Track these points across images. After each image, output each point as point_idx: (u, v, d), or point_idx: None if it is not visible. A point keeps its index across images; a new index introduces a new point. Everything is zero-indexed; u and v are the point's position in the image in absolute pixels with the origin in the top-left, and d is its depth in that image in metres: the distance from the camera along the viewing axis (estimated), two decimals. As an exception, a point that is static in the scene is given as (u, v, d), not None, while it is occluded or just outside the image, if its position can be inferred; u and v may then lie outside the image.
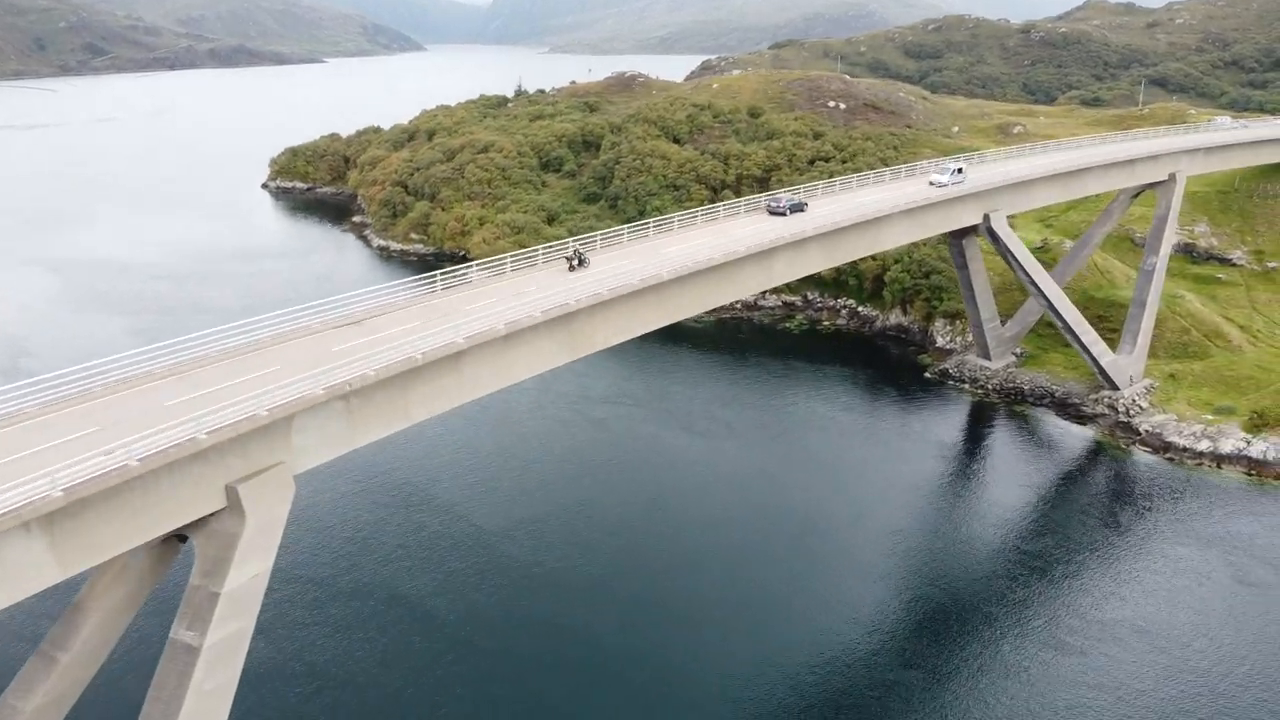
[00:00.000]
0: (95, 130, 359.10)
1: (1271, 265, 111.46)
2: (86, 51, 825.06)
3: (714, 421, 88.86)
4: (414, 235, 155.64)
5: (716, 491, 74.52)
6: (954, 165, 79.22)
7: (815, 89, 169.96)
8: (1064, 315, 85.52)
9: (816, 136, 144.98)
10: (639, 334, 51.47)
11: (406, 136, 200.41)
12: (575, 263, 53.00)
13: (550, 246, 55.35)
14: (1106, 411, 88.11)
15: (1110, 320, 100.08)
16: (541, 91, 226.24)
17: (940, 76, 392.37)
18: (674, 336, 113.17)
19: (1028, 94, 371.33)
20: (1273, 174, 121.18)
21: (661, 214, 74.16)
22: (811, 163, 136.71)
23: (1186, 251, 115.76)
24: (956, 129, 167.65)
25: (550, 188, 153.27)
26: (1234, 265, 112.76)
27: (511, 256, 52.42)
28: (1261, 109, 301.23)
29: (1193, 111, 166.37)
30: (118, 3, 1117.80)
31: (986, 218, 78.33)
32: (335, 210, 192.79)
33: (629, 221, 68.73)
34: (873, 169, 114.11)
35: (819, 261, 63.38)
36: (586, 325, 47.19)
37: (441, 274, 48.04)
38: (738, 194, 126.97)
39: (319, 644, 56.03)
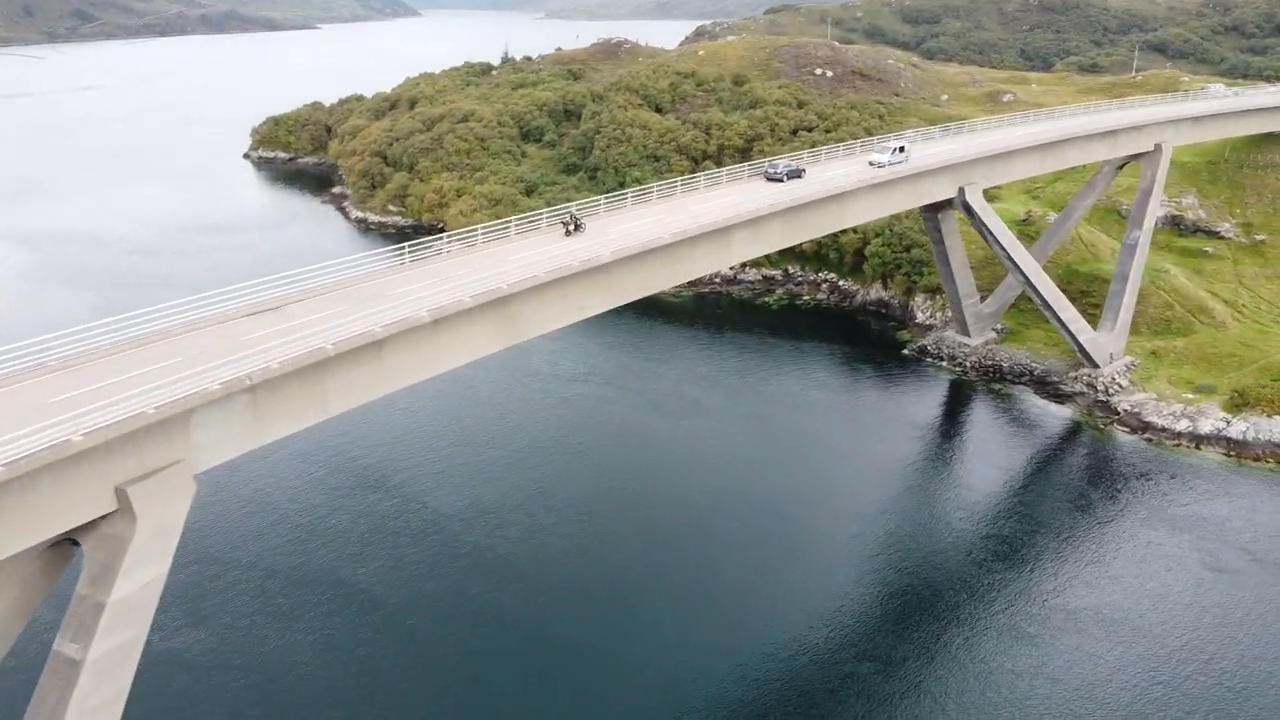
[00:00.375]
0: (79, 98, 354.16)
1: (1260, 238, 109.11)
2: (75, 18, 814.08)
3: (685, 400, 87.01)
4: (392, 207, 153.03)
5: (683, 474, 72.79)
6: (895, 143, 74.15)
7: (802, 56, 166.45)
8: (1042, 292, 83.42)
9: (800, 105, 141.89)
10: (582, 318, 49.44)
11: (388, 105, 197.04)
12: (572, 228, 53.42)
13: (525, 217, 53.97)
14: (1085, 390, 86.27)
15: (1094, 295, 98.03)
16: (527, 59, 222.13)
17: (937, 42, 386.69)
18: (650, 311, 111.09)
19: (1025, 60, 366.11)
20: (1264, 144, 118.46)
21: (641, 184, 71.33)
22: (794, 132, 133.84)
23: (1174, 224, 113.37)
24: (946, 97, 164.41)
25: (530, 158, 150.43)
26: (1222, 238, 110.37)
27: (484, 228, 51.09)
28: (1260, 75, 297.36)
29: (1186, 79, 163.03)
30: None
31: (961, 191, 76.03)
32: (316, 181, 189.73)
33: (608, 193, 66.45)
34: (856, 138, 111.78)
35: (780, 238, 61.19)
36: (523, 310, 45.16)
37: (410, 246, 46.90)
38: (719, 164, 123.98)
39: (263, 634, 54.53)
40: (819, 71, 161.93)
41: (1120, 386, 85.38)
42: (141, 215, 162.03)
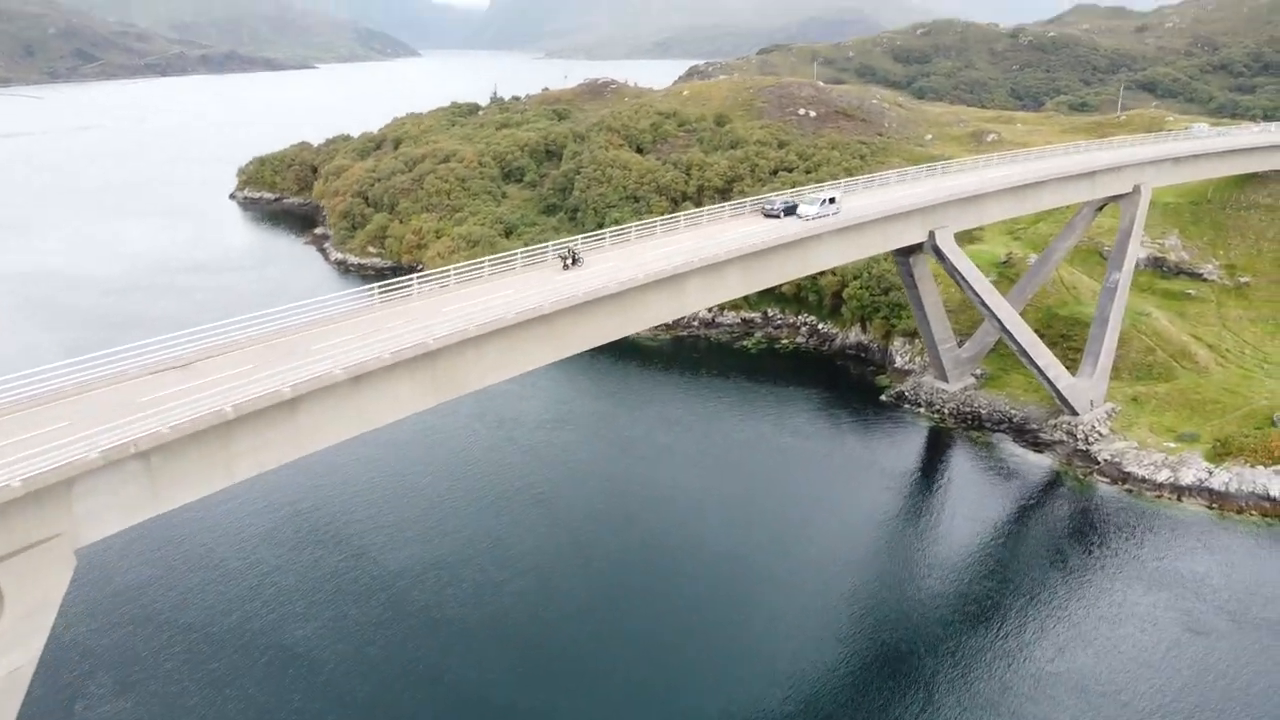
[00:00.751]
0: (74, 138, 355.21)
1: (1244, 280, 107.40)
2: (76, 58, 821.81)
3: (654, 448, 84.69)
4: (371, 248, 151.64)
5: (645, 526, 70.33)
6: (826, 194, 67.88)
7: (786, 96, 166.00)
8: (1018, 337, 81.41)
9: (781, 145, 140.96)
10: (523, 371, 47.36)
11: (374, 145, 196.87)
12: (570, 261, 53.81)
13: (499, 258, 52.84)
14: (1065, 438, 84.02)
15: (1075, 340, 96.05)
16: (516, 98, 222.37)
17: (928, 81, 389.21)
18: (626, 354, 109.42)
19: (1015, 98, 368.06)
20: (1247, 184, 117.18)
21: (621, 225, 69.69)
22: (775, 173, 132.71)
23: (1156, 265, 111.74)
24: (930, 136, 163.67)
25: (511, 198, 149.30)
26: (1205, 280, 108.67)
27: (438, 272, 49.84)
28: (1249, 114, 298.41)
29: (1170, 118, 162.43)
30: (110, 9, 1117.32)
31: (931, 235, 74.28)
32: (301, 221, 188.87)
33: (587, 233, 65.21)
34: (836, 178, 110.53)
35: (738, 286, 59.26)
36: (454, 365, 43.11)
37: (381, 287, 45.59)
38: (698, 205, 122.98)
39: (191, 703, 51.87)
40: (802, 111, 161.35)
41: (1100, 434, 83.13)
42: (121, 254, 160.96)
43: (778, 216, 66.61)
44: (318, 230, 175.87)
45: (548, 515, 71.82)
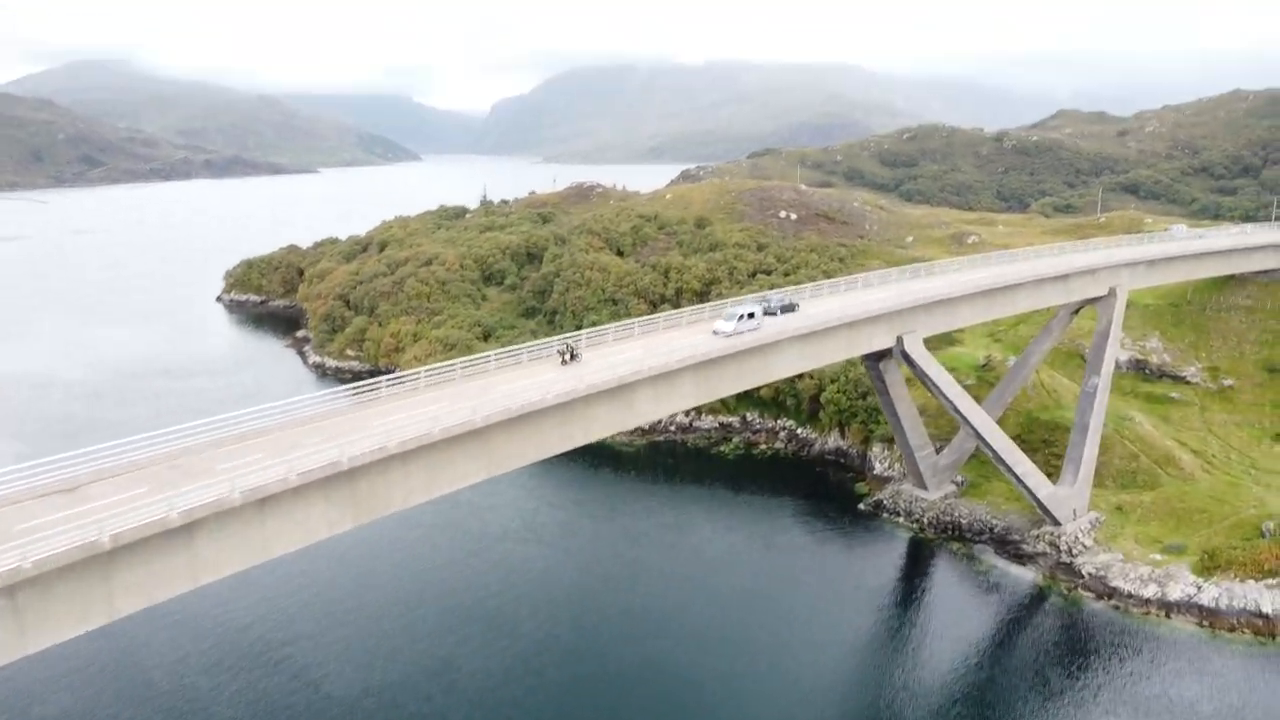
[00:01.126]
0: (71, 241, 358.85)
1: (1227, 383, 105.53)
2: (83, 163, 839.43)
3: (620, 562, 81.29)
4: (350, 351, 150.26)
5: (604, 649, 66.55)
6: (745, 308, 62.42)
7: (767, 199, 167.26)
8: (994, 445, 78.93)
9: (760, 248, 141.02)
10: (456, 489, 44.80)
11: (360, 248, 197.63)
12: (567, 356, 54.24)
13: (470, 360, 51.37)
14: (1048, 550, 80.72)
15: (1057, 445, 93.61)
16: (504, 202, 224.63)
17: (915, 184, 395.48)
18: (599, 459, 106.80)
19: (1001, 200, 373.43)
20: (1225, 286, 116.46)
21: (598, 327, 68.01)
22: (753, 275, 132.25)
23: (1139, 368, 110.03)
24: (910, 239, 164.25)
25: (491, 301, 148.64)
26: (1188, 383, 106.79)
27: (426, 370, 48.27)
28: (1232, 215, 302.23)
29: (1149, 220, 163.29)
30: (120, 115, 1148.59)
31: (900, 340, 72.54)
32: (285, 324, 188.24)
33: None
34: (815, 280, 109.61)
35: (692, 396, 57.11)
36: (377, 484, 40.59)
37: (353, 388, 43.96)
38: (676, 307, 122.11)
39: None
40: (783, 214, 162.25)
41: (1084, 546, 79.86)
42: (99, 358, 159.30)
43: (775, 314, 66.62)
44: (300, 333, 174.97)
45: (503, 637, 68.06)
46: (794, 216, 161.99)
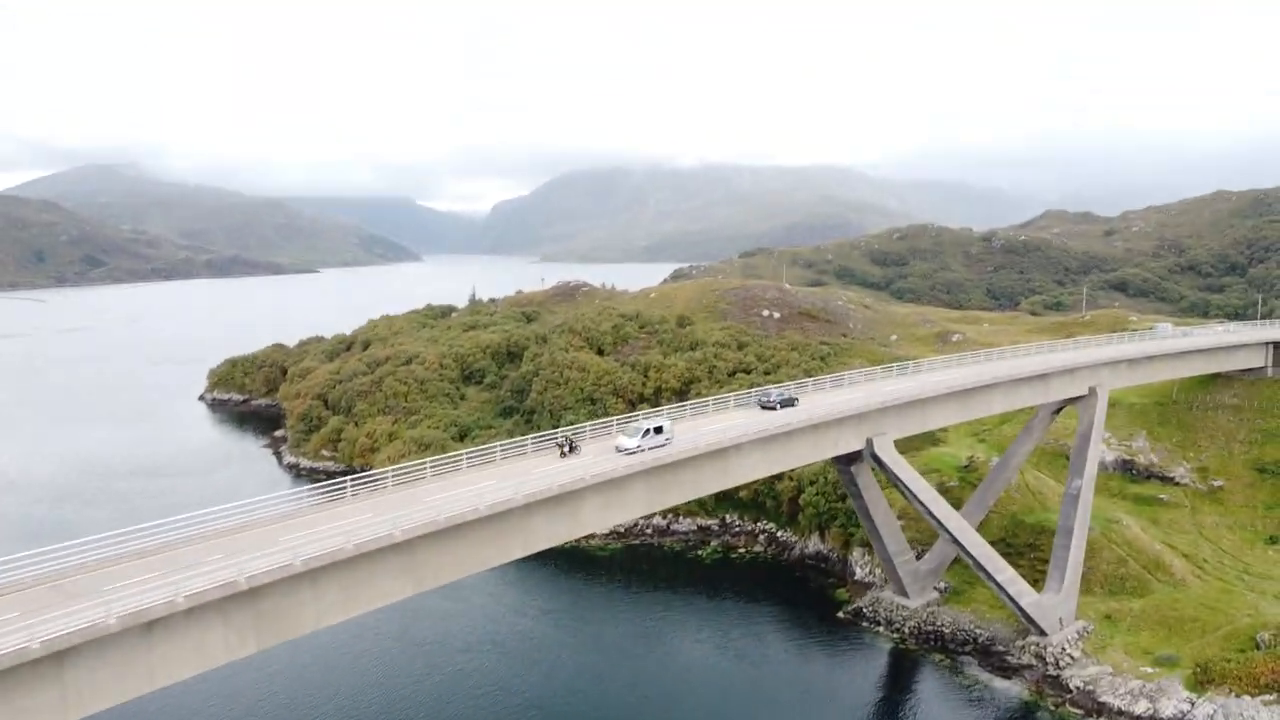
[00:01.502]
0: (62, 339, 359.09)
1: (1217, 484, 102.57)
2: (85, 263, 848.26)
3: (585, 677, 77.00)
4: (325, 451, 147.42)
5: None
6: (652, 423, 56.39)
7: (750, 298, 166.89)
8: (972, 551, 75.73)
9: (740, 347, 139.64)
10: (376, 607, 41.78)
11: (344, 347, 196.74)
12: (567, 449, 55.33)
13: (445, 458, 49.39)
14: (1034, 662, 76.67)
15: (1042, 550, 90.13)
16: (493, 300, 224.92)
17: (905, 283, 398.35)
18: (571, 563, 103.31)
19: (992, 299, 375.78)
20: (1211, 384, 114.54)
21: (575, 426, 65.75)
22: (732, 374, 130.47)
23: (1126, 468, 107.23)
24: (895, 337, 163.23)
25: (470, 400, 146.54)
26: (1177, 484, 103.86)
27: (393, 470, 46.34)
28: (1222, 312, 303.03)
29: (1134, 318, 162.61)
30: (125, 217, 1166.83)
31: (869, 443, 70.08)
32: (266, 423, 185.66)
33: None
34: (796, 379, 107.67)
35: (644, 503, 54.44)
36: (282, 605, 37.65)
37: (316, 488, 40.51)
38: (655, 406, 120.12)
39: None
40: (765, 313, 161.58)
41: (1072, 658, 75.87)
42: (71, 458, 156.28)
43: (774, 409, 67.47)
44: (279, 432, 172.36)
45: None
46: (777, 315, 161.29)
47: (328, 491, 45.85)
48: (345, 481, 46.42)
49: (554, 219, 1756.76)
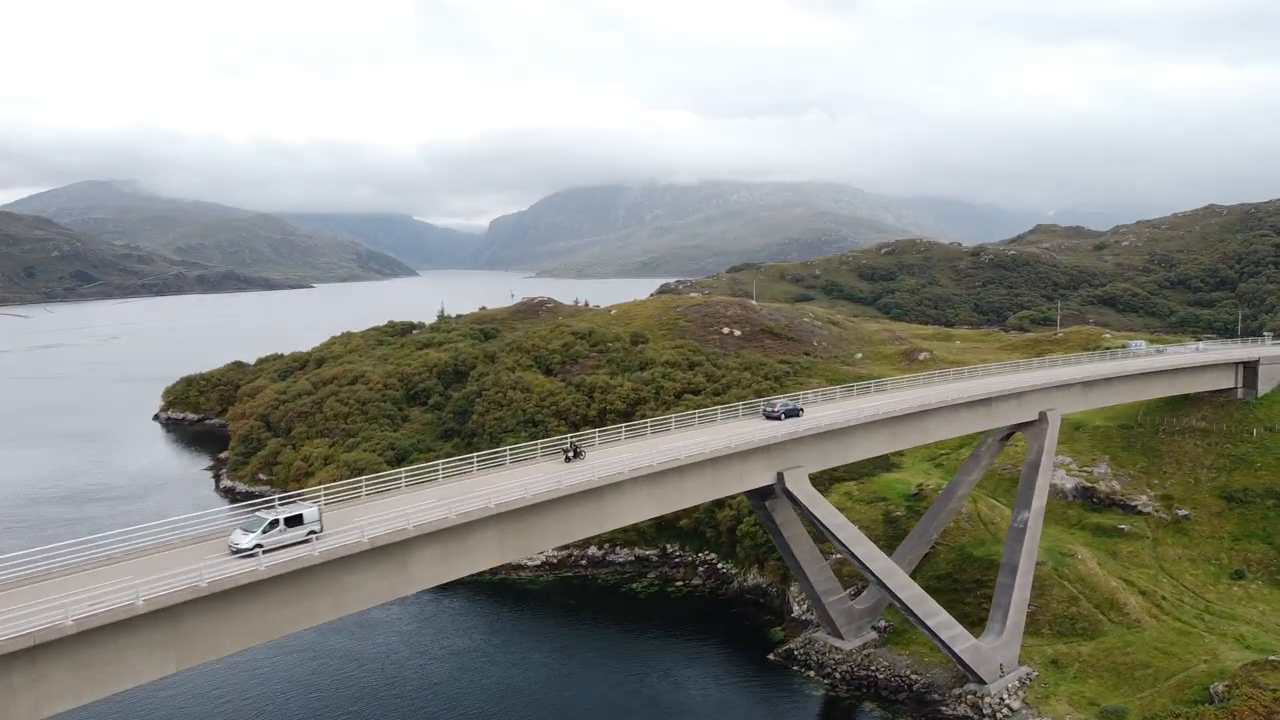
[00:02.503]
0: (35, 356, 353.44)
1: (1182, 513, 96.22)
2: (75, 279, 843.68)
3: (480, 727, 70.73)
4: (262, 475, 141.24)
5: None
6: (284, 511, 41.85)
7: (711, 315, 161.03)
8: (899, 594, 69.45)
9: (692, 366, 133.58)
10: (126, 688, 35.61)
11: (298, 365, 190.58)
12: (571, 454, 56.65)
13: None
14: (970, 713, 70.29)
15: (991, 585, 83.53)
16: (458, 317, 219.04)
17: (893, 298, 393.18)
18: (499, 595, 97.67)
19: (980, 314, 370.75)
20: (1180, 407, 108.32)
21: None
22: (680, 395, 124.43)
23: (1086, 496, 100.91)
24: (860, 355, 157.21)
25: (413, 422, 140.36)
26: (1140, 513, 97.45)
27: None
28: (1211, 327, 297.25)
29: (1108, 335, 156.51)
30: (119, 233, 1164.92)
31: (781, 477, 63.91)
32: (218, 444, 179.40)
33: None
34: (744, 400, 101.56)
35: (495, 553, 48.17)
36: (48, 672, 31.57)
37: None
38: (600, 427, 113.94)
39: None
40: (726, 330, 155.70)
41: (1010, 710, 69.52)
42: (5, 482, 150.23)
43: (779, 418, 68.38)
44: (223, 454, 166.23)
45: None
46: (737, 333, 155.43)
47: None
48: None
49: (552, 234, 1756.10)
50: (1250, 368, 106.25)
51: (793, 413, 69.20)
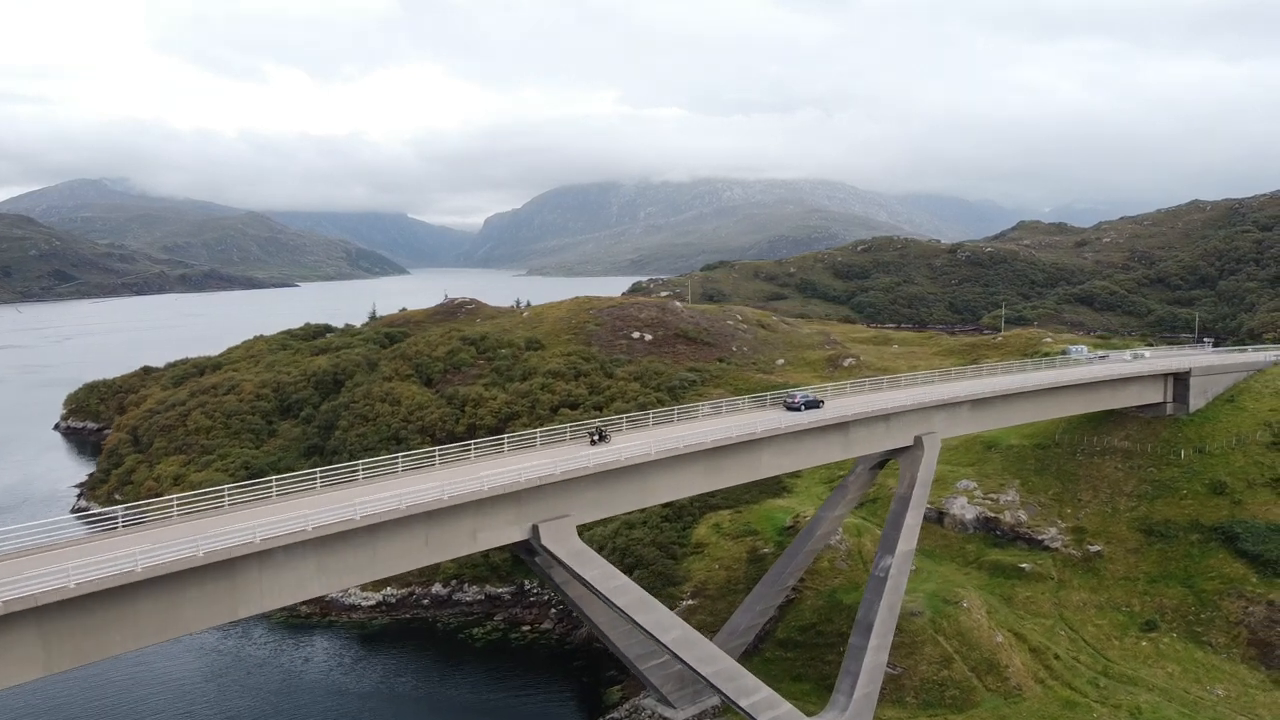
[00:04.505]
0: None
1: (1094, 549, 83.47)
2: (53, 278, 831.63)
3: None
4: (118, 496, 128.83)
5: None
6: None
7: (624, 318, 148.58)
8: (699, 669, 56.73)
9: (578, 376, 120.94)
10: None
11: (196, 371, 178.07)
12: (596, 438, 57.13)
13: None
14: (795, 810, 57.79)
15: (857, 638, 71.22)
16: (375, 317, 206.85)
17: (867, 296, 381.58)
18: (319, 641, 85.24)
19: (954, 313, 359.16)
20: (1103, 424, 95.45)
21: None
22: (556, 409, 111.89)
23: (988, 528, 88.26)
24: (781, 361, 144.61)
25: (280, 436, 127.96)
26: (1046, 549, 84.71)
27: None
28: (1187, 327, 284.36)
29: (1049, 339, 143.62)
30: (106, 231, 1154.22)
31: (536, 532, 51.22)
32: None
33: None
34: (625, 414, 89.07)
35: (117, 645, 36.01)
36: None
37: None
38: (467, 441, 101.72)
39: None
40: (636, 335, 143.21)
41: (842, 807, 56.98)
42: None
43: (799, 410, 67.23)
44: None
45: None
46: (648, 337, 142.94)
47: None
48: None
49: (545, 232, 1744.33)
50: (1180, 380, 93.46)
51: (813, 404, 68.49)
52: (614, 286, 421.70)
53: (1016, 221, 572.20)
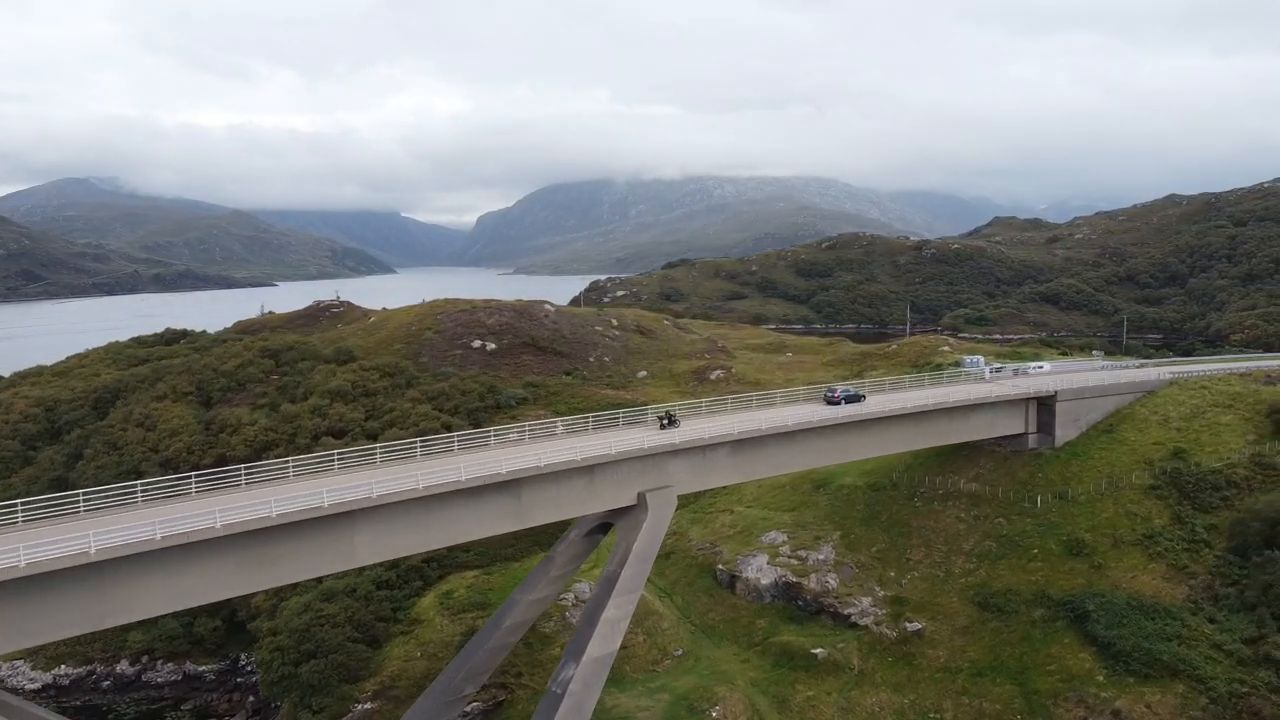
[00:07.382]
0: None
1: (913, 627, 64.80)
2: (21, 278, 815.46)
3: None
4: None
5: None
6: None
7: (469, 323, 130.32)
8: None
9: (367, 395, 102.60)
10: None
11: (24, 380, 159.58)
12: (665, 422, 57.77)
13: None
14: None
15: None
16: (239, 323, 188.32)
17: (828, 295, 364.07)
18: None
19: (916, 312, 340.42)
20: (953, 458, 76.85)
21: None
22: (318, 438, 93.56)
23: (789, 596, 69.73)
24: (643, 373, 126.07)
25: (38, 465, 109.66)
26: (853, 626, 66.11)
27: None
28: (1156, 326, 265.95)
29: (946, 348, 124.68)
30: (87, 231, 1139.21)
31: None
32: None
33: None
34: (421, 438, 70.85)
35: None
36: None
37: None
38: (210, 476, 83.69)
39: None
40: (478, 343, 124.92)
41: None
42: None
43: (839, 404, 65.71)
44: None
45: None
46: (491, 346, 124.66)
47: None
48: None
49: (536, 231, 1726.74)
50: (1045, 405, 74.70)
51: (853, 398, 67.07)
52: (581, 285, 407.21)
53: (1009, 218, 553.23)
